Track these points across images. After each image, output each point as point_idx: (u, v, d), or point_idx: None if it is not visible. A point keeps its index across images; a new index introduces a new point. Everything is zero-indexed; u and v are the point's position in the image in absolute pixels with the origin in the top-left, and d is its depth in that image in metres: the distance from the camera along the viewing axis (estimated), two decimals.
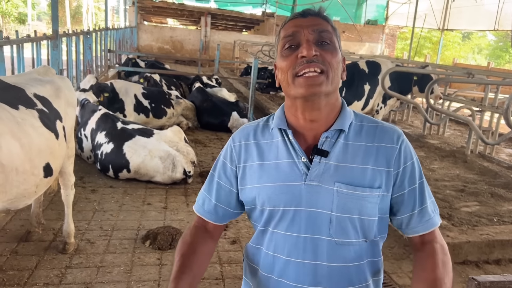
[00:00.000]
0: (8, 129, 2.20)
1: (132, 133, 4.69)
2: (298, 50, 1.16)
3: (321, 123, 1.21)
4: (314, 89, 1.14)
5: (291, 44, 1.17)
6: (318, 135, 1.21)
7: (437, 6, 16.94)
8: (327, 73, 1.14)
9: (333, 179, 1.17)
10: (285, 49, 1.19)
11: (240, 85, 12.36)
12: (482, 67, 14.76)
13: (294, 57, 1.16)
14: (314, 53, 1.13)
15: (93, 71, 8.68)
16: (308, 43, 1.15)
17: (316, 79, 1.13)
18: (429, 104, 5.33)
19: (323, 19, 1.20)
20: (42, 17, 38.48)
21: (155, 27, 21.59)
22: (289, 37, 1.18)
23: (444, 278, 1.16)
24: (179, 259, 1.27)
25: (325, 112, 1.20)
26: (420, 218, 1.25)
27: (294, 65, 1.15)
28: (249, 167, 1.27)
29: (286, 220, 1.21)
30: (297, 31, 1.17)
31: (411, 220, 1.25)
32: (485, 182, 5.28)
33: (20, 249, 3.08)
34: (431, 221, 1.26)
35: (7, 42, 4.35)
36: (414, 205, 1.24)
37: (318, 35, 1.16)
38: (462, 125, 9.15)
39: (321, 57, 1.14)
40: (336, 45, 1.19)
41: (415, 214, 1.24)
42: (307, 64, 1.13)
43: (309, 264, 1.19)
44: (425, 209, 1.25)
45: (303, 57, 1.14)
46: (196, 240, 1.33)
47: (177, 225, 3.60)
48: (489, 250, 3.46)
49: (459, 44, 30.63)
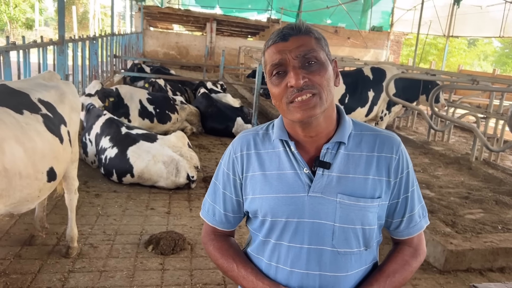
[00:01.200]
0: (12, 133, 2.22)
1: (136, 138, 4.72)
2: (286, 77, 1.16)
3: (321, 136, 1.24)
4: (309, 113, 1.15)
5: (278, 71, 1.17)
6: (319, 146, 1.24)
7: (442, 13, 16.95)
8: (319, 95, 1.15)
9: (336, 191, 1.20)
10: (273, 77, 1.19)
11: (245, 91, 12.40)
12: (488, 74, 14.71)
13: (284, 85, 1.16)
14: (302, 81, 1.13)
15: (98, 77, 8.74)
16: (295, 71, 1.14)
17: (309, 102, 1.14)
18: (433, 111, 5.31)
19: (305, 34, 1.18)
20: (49, 22, 38.83)
21: (160, 33, 21.72)
22: (275, 65, 1.17)
23: (395, 272, 1.26)
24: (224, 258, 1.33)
25: (324, 126, 1.22)
26: (407, 224, 1.30)
27: (286, 93, 1.16)
28: (251, 177, 1.28)
29: (289, 231, 1.22)
30: (282, 58, 1.16)
31: (400, 225, 1.31)
32: (490, 189, 5.25)
33: (23, 253, 3.09)
34: (416, 227, 1.31)
35: (13, 48, 4.40)
36: (404, 212, 1.29)
37: (302, 58, 1.15)
38: (466, 132, 9.11)
39: (310, 81, 1.14)
40: (323, 59, 1.18)
41: (404, 221, 1.30)
42: (298, 93, 1.14)
43: (313, 274, 1.21)
44: (412, 216, 1.30)
45: (292, 87, 1.14)
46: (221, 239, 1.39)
47: (180, 230, 3.60)
48: (493, 258, 3.43)
49: (465, 51, 30.55)
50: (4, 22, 26.47)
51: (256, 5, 21.91)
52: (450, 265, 3.34)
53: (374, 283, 1.23)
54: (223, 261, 1.32)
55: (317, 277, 1.21)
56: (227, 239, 1.39)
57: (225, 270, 1.32)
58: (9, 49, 4.25)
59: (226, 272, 1.32)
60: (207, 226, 1.41)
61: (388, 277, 1.24)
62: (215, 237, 1.39)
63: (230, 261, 1.30)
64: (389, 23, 21.80)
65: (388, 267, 1.27)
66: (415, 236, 1.32)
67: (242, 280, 1.27)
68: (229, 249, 1.35)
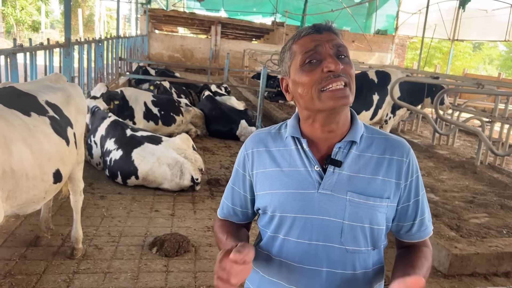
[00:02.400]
0: (20, 135, 2.24)
1: (140, 140, 4.74)
2: (321, 64, 1.17)
3: (337, 134, 1.25)
4: (343, 101, 1.16)
5: (312, 59, 1.18)
6: (332, 145, 1.25)
7: (448, 17, 16.91)
8: (350, 86, 1.18)
9: (346, 189, 1.21)
10: (306, 64, 1.19)
11: (249, 94, 12.42)
12: (493, 78, 14.65)
13: (318, 71, 1.16)
14: (342, 67, 1.16)
15: (104, 79, 8.78)
16: (333, 58, 1.16)
17: (343, 91, 1.16)
18: (438, 115, 5.30)
19: (335, 33, 1.22)
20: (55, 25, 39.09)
21: (165, 35, 21.81)
22: (310, 51, 1.18)
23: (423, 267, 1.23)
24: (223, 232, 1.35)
25: (341, 123, 1.24)
26: (418, 228, 1.31)
27: (320, 80, 1.16)
28: (261, 174, 1.30)
29: (297, 227, 1.23)
30: (318, 45, 1.18)
31: (411, 229, 1.31)
32: (495, 193, 5.23)
33: (28, 254, 3.11)
34: (427, 230, 1.33)
35: (20, 50, 4.44)
36: (416, 216, 1.30)
37: (337, 50, 1.18)
38: (471, 136, 9.08)
39: (344, 70, 1.17)
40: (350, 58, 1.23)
41: (416, 224, 1.31)
42: (334, 78, 1.15)
43: (320, 271, 1.22)
44: (423, 220, 1.31)
45: (330, 72, 1.15)
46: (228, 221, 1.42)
47: (184, 232, 3.62)
48: (498, 262, 3.42)
49: (470, 55, 30.44)
50: (11, 24, 26.68)
51: (261, 9, 21.95)
52: (455, 269, 3.33)
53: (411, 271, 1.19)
54: (219, 236, 1.36)
55: (324, 274, 1.22)
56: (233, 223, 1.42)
57: (217, 242, 1.36)
58: (16, 51, 4.29)
59: (218, 245, 1.36)
60: (217, 218, 1.46)
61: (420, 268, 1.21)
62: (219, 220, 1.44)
63: (224, 234, 1.34)
64: (394, 27, 21.77)
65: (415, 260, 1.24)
66: (427, 239, 1.33)
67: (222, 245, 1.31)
68: (230, 226, 1.39)
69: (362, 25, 21.39)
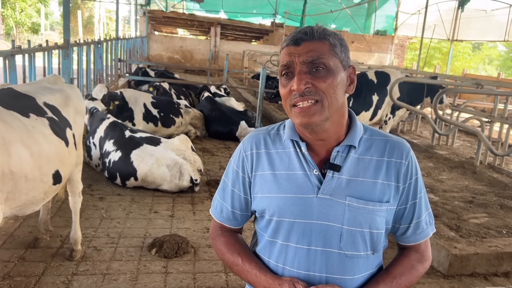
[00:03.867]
0: (19, 136, 2.24)
1: (139, 142, 4.74)
2: (292, 80, 1.17)
3: (331, 140, 1.24)
4: (309, 120, 1.16)
5: (287, 72, 1.19)
6: (330, 149, 1.24)
7: (447, 17, 16.93)
8: (321, 102, 1.16)
9: (345, 193, 1.20)
10: (282, 77, 1.21)
11: (248, 95, 12.42)
12: (492, 78, 14.65)
13: (289, 88, 1.18)
14: (305, 87, 1.14)
15: (103, 80, 8.77)
16: (299, 76, 1.15)
17: (308, 110, 1.15)
18: (437, 115, 5.30)
19: (319, 40, 1.17)
20: (55, 27, 39.12)
21: (165, 37, 21.82)
22: (284, 66, 1.19)
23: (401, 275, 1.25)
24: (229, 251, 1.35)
25: (332, 131, 1.23)
26: (414, 231, 1.30)
27: (290, 95, 1.18)
28: (260, 176, 1.29)
29: (296, 232, 1.23)
30: (290, 60, 1.17)
31: (407, 231, 1.31)
32: (494, 193, 5.23)
33: (27, 256, 3.11)
34: (423, 233, 1.31)
35: (19, 51, 4.43)
36: (412, 218, 1.29)
37: (310, 64, 1.15)
38: (471, 136, 9.08)
39: (313, 87, 1.15)
40: (332, 66, 1.17)
41: (411, 227, 1.30)
42: (300, 97, 1.15)
43: (319, 276, 1.22)
44: (419, 223, 1.30)
45: (294, 91, 1.16)
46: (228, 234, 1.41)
47: (183, 234, 3.61)
48: (498, 262, 3.42)
49: (469, 55, 30.47)
50: (11, 26, 26.69)
51: (261, 10, 21.96)
52: (455, 269, 3.33)
53: (381, 283, 1.23)
54: (228, 256, 1.33)
55: (324, 279, 1.21)
56: (234, 235, 1.40)
57: (230, 264, 1.34)
58: (15, 52, 4.29)
59: (231, 267, 1.33)
60: (214, 222, 1.43)
61: (394, 278, 1.24)
62: (222, 232, 1.40)
63: (235, 256, 1.32)
64: (393, 27, 21.79)
65: (395, 269, 1.27)
66: (422, 242, 1.31)
67: (246, 274, 1.28)
68: (235, 244, 1.36)
69: (361, 26, 21.40)
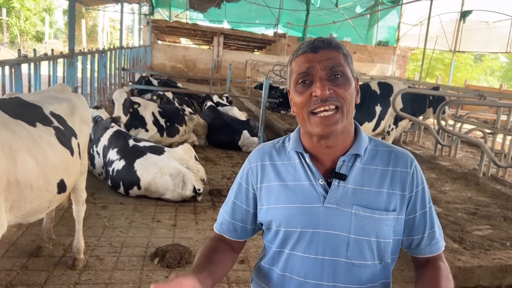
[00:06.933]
0: (25, 145, 2.25)
1: (143, 151, 4.75)
2: (312, 87, 1.17)
3: (338, 148, 1.24)
4: (330, 128, 1.16)
5: (305, 79, 1.19)
6: (335, 159, 1.24)
7: (449, 28, 17.01)
8: (341, 109, 1.17)
9: (351, 202, 1.20)
10: (298, 85, 1.20)
11: (251, 104, 12.45)
12: (495, 89, 14.68)
13: (308, 94, 1.17)
14: (328, 92, 1.15)
15: (107, 89, 8.83)
16: (321, 81, 1.15)
17: (331, 118, 1.15)
18: (440, 126, 5.30)
19: (334, 49, 1.20)
20: (59, 35, 39.36)
21: (168, 46, 21.95)
22: (302, 73, 1.19)
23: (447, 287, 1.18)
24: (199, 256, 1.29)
25: (341, 139, 1.23)
26: (429, 241, 1.28)
27: (309, 102, 1.17)
28: (266, 188, 1.29)
29: (303, 242, 1.22)
30: (310, 66, 1.17)
31: (421, 242, 1.28)
32: (498, 205, 5.21)
33: (30, 264, 3.10)
34: (438, 244, 1.29)
35: (25, 60, 4.48)
36: (425, 228, 1.27)
37: (330, 70, 1.17)
38: (474, 147, 9.07)
39: (334, 93, 1.16)
40: (349, 75, 1.20)
41: (425, 237, 1.28)
42: (322, 103, 1.15)
43: (327, 285, 1.21)
44: (433, 233, 1.29)
45: (317, 97, 1.15)
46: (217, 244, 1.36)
47: (186, 243, 3.60)
48: (501, 275, 3.39)
49: (471, 66, 30.55)
50: (15, 35, 26.88)
51: (263, 20, 22.10)
52: (458, 282, 3.31)
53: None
54: (197, 254, 1.31)
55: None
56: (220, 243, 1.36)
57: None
58: (21, 61, 4.33)
59: None
60: (213, 233, 1.42)
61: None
62: (213, 237, 1.39)
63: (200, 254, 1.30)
64: (395, 38, 21.89)
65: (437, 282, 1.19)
66: (440, 253, 1.29)
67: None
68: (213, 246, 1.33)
69: (363, 36, 21.50)
